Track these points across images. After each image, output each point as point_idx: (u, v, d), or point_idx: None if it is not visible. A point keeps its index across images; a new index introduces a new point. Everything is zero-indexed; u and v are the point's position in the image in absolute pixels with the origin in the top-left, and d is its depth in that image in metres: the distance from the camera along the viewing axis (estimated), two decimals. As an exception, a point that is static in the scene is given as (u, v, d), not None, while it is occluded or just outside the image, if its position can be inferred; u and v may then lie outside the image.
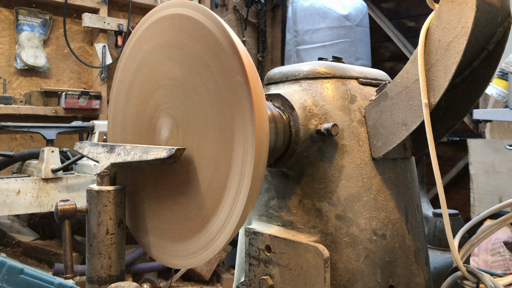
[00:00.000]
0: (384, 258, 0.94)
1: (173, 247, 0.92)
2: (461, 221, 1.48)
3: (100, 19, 4.07)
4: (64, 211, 0.87)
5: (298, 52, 4.69)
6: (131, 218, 1.02)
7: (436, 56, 0.87)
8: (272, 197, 1.03)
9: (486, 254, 2.22)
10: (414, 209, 1.02)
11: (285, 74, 1.05)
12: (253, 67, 0.80)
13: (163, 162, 0.84)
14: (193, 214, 0.88)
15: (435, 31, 0.88)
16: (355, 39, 4.49)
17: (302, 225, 0.97)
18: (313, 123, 0.96)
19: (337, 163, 0.95)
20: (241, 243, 1.12)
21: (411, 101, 0.90)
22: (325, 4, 4.49)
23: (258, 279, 0.98)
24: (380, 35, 5.18)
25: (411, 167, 1.05)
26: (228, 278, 3.77)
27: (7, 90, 3.73)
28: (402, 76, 0.93)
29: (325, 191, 0.95)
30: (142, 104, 0.99)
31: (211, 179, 0.84)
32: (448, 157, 4.72)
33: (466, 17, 0.83)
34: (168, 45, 0.93)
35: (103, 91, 4.10)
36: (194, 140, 0.87)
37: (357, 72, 1.04)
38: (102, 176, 0.90)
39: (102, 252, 0.88)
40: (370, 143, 0.96)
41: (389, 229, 0.95)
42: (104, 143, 0.97)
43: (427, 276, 1.02)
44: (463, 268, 0.95)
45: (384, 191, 0.96)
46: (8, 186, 2.71)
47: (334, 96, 0.98)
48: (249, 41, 5.56)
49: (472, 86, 1.01)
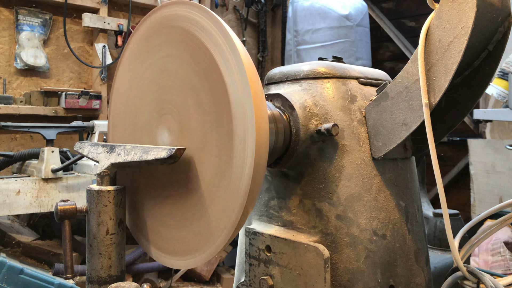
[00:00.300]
0: (385, 258, 0.94)
1: (173, 247, 0.92)
2: (462, 221, 1.47)
3: (100, 19, 4.07)
4: (64, 211, 0.87)
5: (298, 52, 4.69)
6: (131, 218, 1.02)
7: (436, 56, 0.87)
8: (272, 197, 1.03)
9: (487, 254, 2.22)
10: (414, 209, 1.02)
11: (285, 74, 1.05)
12: (253, 67, 0.80)
13: (163, 162, 0.84)
14: (193, 215, 0.88)
15: (435, 31, 0.88)
16: (355, 39, 4.49)
17: (303, 225, 0.97)
18: (313, 123, 0.95)
19: (338, 163, 0.95)
20: (241, 243, 1.12)
21: (411, 101, 0.90)
22: (325, 4, 4.49)
23: (258, 279, 0.98)
24: (381, 35, 5.18)
25: (412, 167, 1.05)
26: (228, 278, 3.77)
27: (7, 90, 3.74)
28: (403, 76, 0.92)
29: (325, 191, 0.95)
30: (143, 104, 0.99)
31: (211, 179, 0.84)
32: (448, 157, 4.72)
33: (466, 17, 0.83)
34: (169, 44, 0.93)
35: (103, 91, 4.10)
36: (194, 140, 0.87)
37: (357, 72, 1.04)
38: (102, 176, 0.90)
39: (102, 252, 0.87)
40: (371, 143, 0.96)
41: (390, 229, 0.95)
42: (104, 143, 0.97)
43: (427, 276, 1.02)
44: (464, 268, 0.95)
45: (384, 191, 0.96)
46: (8, 186, 2.72)
47: (335, 96, 0.98)
48: (249, 41, 5.56)
49: (472, 86, 1.00)
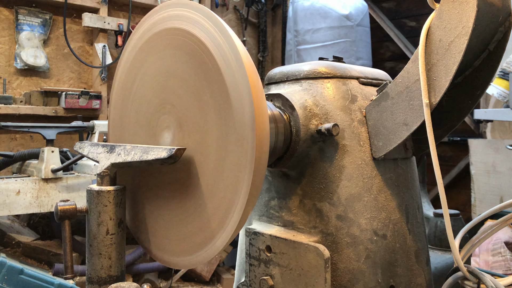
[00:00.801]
0: (385, 258, 0.94)
1: (173, 247, 0.92)
2: (462, 221, 1.47)
3: (100, 19, 4.07)
4: (64, 211, 0.87)
5: (299, 52, 4.69)
6: (131, 218, 1.02)
7: (437, 56, 0.87)
8: (273, 197, 1.03)
9: (487, 255, 2.21)
10: (415, 209, 1.02)
11: (286, 74, 1.05)
12: (253, 67, 0.79)
13: (163, 162, 0.84)
14: (193, 214, 0.87)
15: (436, 31, 0.88)
16: (355, 39, 4.49)
17: (303, 225, 0.96)
18: (313, 123, 0.95)
19: (338, 163, 0.94)
20: (241, 244, 1.12)
21: (412, 101, 0.90)
22: (326, 3, 4.48)
23: (258, 280, 0.97)
24: (381, 35, 5.18)
25: (412, 167, 1.04)
26: (228, 279, 3.76)
27: (7, 90, 3.73)
28: (403, 76, 0.92)
29: (325, 191, 0.94)
30: (143, 104, 0.99)
31: (211, 180, 0.84)
32: (449, 157, 4.71)
33: (467, 17, 0.83)
34: (170, 44, 0.93)
35: (103, 91, 4.10)
36: (195, 140, 0.87)
37: (357, 72, 1.03)
38: (102, 176, 0.90)
39: (102, 252, 0.87)
40: (371, 143, 0.96)
41: (390, 229, 0.95)
42: (104, 143, 0.97)
43: (428, 276, 1.02)
44: (464, 268, 0.95)
45: (385, 191, 0.96)
46: (8, 186, 2.71)
47: (335, 96, 0.98)
48: (250, 41, 5.55)
49: (473, 86, 1.00)
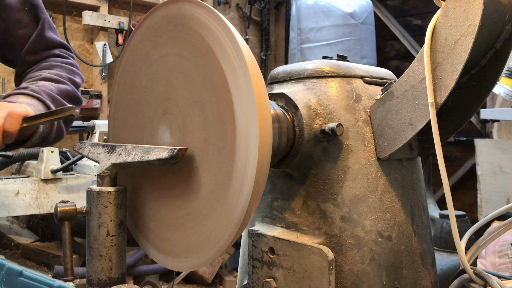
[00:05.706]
0: (390, 260, 0.93)
1: (175, 249, 0.91)
2: (468, 222, 1.46)
3: (100, 17, 4.05)
4: (64, 213, 0.86)
5: (302, 50, 4.67)
6: (132, 219, 1.01)
7: (442, 55, 0.86)
8: (276, 198, 1.02)
9: (494, 256, 2.19)
10: (420, 210, 1.00)
11: (289, 73, 1.04)
12: (256, 66, 0.78)
13: (164, 163, 0.83)
14: (194, 215, 0.86)
15: (441, 29, 0.87)
16: (360, 37, 4.47)
17: (306, 226, 0.95)
18: (317, 122, 0.94)
19: (342, 164, 0.93)
20: (244, 245, 1.11)
21: (417, 101, 0.89)
22: (330, 1, 4.47)
23: (261, 282, 0.96)
24: (386, 33, 5.16)
25: (417, 167, 1.03)
26: (230, 281, 3.75)
27: (5, 89, 3.73)
28: (408, 75, 0.91)
29: (329, 192, 0.93)
30: (144, 103, 0.98)
31: (213, 180, 0.83)
32: (455, 158, 4.69)
33: (473, 15, 0.82)
34: (172, 42, 0.92)
35: (103, 90, 4.08)
36: (196, 140, 0.86)
37: (362, 71, 1.02)
38: (102, 177, 0.89)
39: (102, 254, 0.86)
40: (376, 143, 0.95)
41: (395, 230, 0.94)
42: (105, 143, 0.96)
43: (433, 278, 1.01)
44: (470, 270, 0.94)
45: (389, 192, 0.95)
46: (7, 187, 2.69)
47: (339, 96, 0.96)
48: (252, 40, 5.55)
49: (479, 85, 0.99)
